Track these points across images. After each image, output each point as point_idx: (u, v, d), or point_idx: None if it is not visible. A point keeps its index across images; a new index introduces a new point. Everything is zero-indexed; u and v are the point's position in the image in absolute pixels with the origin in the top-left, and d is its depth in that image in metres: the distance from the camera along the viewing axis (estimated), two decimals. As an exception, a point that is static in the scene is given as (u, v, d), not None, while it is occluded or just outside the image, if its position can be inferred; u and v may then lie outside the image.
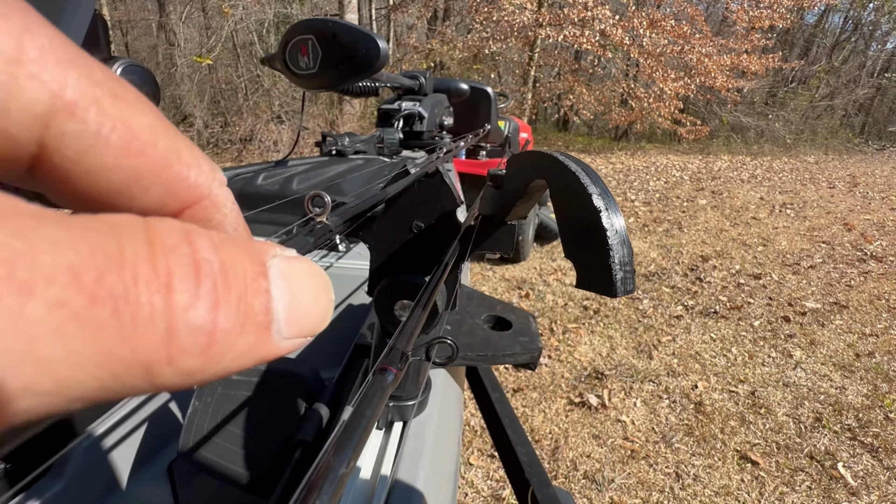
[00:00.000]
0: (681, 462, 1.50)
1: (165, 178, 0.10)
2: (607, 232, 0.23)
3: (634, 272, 0.24)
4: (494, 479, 1.43)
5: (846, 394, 1.88)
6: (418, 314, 0.20)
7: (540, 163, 0.28)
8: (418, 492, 0.34)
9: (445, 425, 0.43)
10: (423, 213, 0.36)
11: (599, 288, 0.24)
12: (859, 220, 4.47)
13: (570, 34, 8.10)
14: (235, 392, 0.44)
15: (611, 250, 0.23)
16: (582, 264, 0.25)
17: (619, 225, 0.24)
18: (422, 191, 0.35)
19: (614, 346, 2.16)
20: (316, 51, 0.86)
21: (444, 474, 0.40)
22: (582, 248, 0.25)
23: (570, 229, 0.25)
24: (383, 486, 0.34)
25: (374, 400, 0.14)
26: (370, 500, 0.33)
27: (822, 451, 1.57)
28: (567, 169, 0.26)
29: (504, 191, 0.33)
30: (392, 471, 0.35)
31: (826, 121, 12.31)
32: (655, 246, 3.58)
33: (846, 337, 2.32)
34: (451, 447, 0.45)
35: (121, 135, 0.09)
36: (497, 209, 0.35)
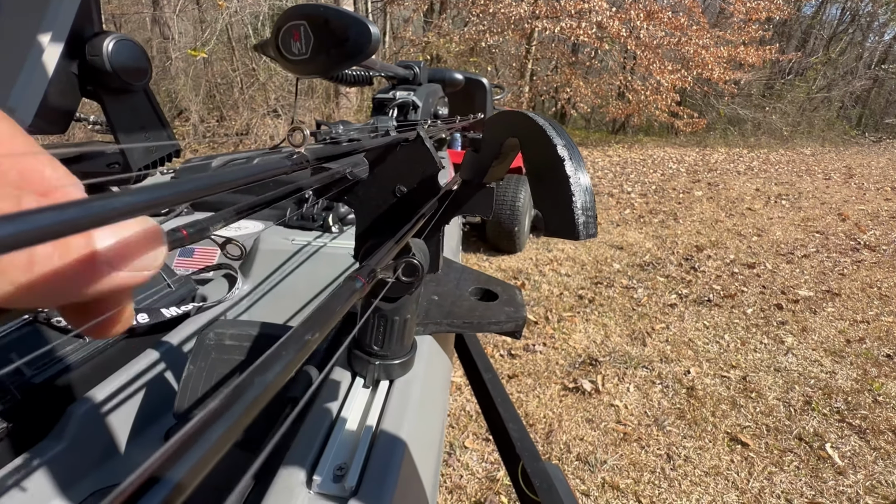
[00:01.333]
0: (672, 444, 1.53)
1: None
2: (570, 178, 0.25)
3: (596, 217, 0.26)
4: (489, 461, 1.46)
5: (836, 378, 1.91)
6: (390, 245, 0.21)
7: (512, 121, 0.30)
8: (401, 440, 0.35)
9: (431, 385, 0.45)
10: (406, 177, 0.37)
11: (564, 232, 0.25)
12: (854, 210, 4.49)
13: (567, 26, 8.07)
14: (229, 356, 0.46)
15: (573, 196, 0.25)
16: (548, 212, 0.26)
17: (582, 174, 0.25)
18: (404, 156, 0.37)
19: (608, 334, 2.19)
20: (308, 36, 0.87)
21: (428, 428, 0.42)
22: (548, 196, 0.26)
23: (537, 180, 0.27)
24: (368, 436, 0.36)
25: (341, 297, 0.16)
26: (355, 447, 0.34)
27: (811, 432, 1.60)
28: (535, 123, 0.27)
29: (482, 153, 0.35)
30: (377, 423, 0.37)
31: (823, 113, 12.32)
32: (651, 236, 3.61)
33: (838, 323, 2.35)
34: (437, 406, 0.46)
35: None
36: (475, 172, 0.36)
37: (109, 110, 0.47)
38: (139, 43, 0.47)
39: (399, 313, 0.40)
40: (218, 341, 0.47)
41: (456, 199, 0.37)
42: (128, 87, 0.46)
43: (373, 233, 0.39)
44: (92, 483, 0.47)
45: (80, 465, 0.48)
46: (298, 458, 0.34)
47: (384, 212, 0.38)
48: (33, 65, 0.40)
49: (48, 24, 0.40)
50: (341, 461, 0.34)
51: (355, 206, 0.39)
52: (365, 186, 0.38)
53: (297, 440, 0.35)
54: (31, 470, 0.44)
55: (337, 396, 0.40)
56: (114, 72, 0.44)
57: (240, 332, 0.47)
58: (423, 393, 0.43)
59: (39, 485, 0.44)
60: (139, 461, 0.55)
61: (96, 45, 0.43)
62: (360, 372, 0.42)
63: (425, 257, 0.38)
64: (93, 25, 0.44)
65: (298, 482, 0.32)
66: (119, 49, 0.44)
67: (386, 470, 0.33)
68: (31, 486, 0.43)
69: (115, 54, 0.43)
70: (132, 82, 0.46)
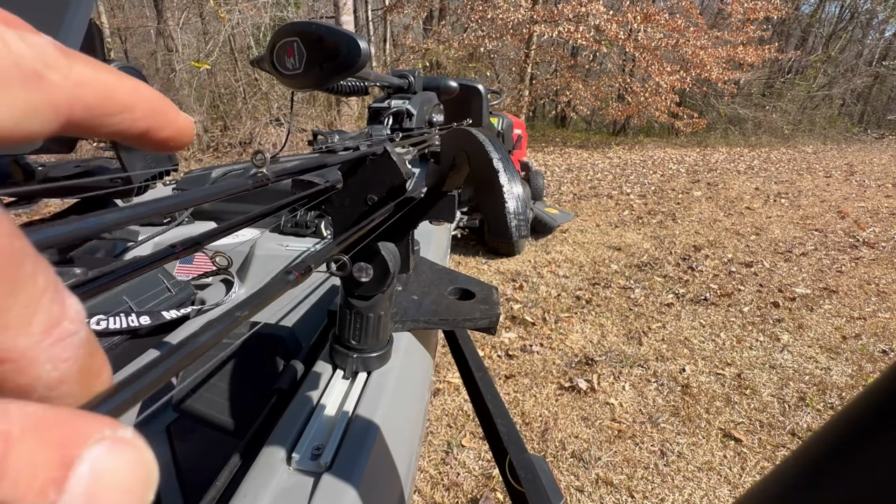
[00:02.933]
0: (666, 440, 1.56)
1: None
2: (504, 188, 0.29)
3: (528, 221, 0.30)
4: (486, 459, 1.49)
5: (831, 374, 1.92)
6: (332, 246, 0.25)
7: (461, 137, 0.34)
8: (375, 424, 0.39)
9: (408, 378, 0.49)
10: (376, 187, 0.42)
11: (500, 234, 0.30)
12: (854, 207, 4.50)
13: (565, 30, 8.14)
14: (221, 353, 0.50)
15: (506, 203, 0.29)
16: (489, 216, 0.30)
17: (514, 183, 0.30)
18: (374, 168, 0.41)
19: (605, 334, 2.22)
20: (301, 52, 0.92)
21: (404, 415, 0.45)
22: (487, 203, 0.30)
23: (479, 189, 0.31)
24: (344, 420, 0.39)
25: (272, 287, 0.19)
26: (331, 430, 0.38)
27: (805, 428, 1.62)
28: (476, 140, 0.31)
29: (441, 164, 0.39)
30: (353, 410, 0.41)
31: (824, 110, 12.30)
32: (649, 237, 3.63)
33: (834, 320, 2.36)
34: (414, 396, 0.50)
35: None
36: (436, 181, 0.40)
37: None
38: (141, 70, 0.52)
39: (373, 310, 0.44)
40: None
41: (421, 206, 0.41)
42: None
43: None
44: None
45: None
46: (280, 440, 0.38)
47: (357, 219, 0.42)
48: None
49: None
50: (319, 442, 0.38)
51: (332, 214, 0.43)
52: (339, 196, 0.42)
53: (279, 424, 0.39)
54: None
55: (318, 386, 0.44)
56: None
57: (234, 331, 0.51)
58: (398, 383, 0.47)
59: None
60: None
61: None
62: (340, 364, 0.46)
63: (395, 259, 0.42)
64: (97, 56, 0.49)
65: (279, 459, 0.36)
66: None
67: (359, 449, 0.37)
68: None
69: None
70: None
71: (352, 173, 0.41)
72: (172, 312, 0.62)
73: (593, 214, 4.28)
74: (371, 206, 0.42)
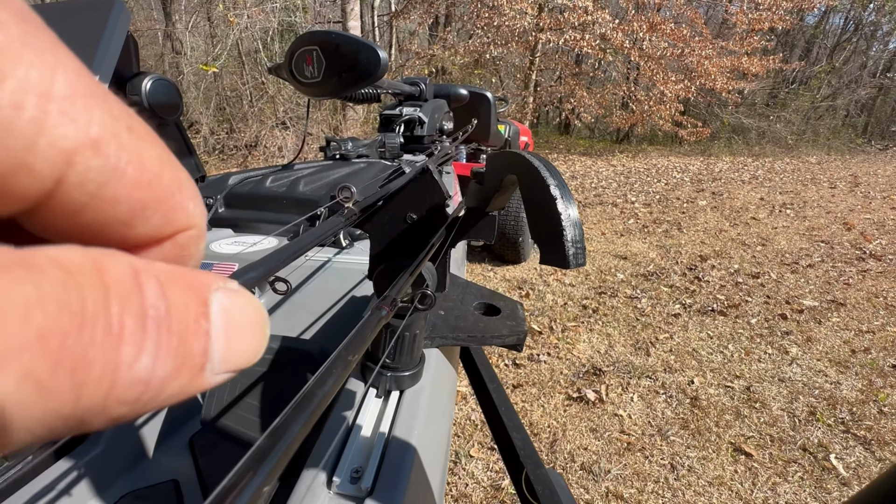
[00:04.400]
0: (676, 454, 1.55)
1: (167, 208, 0.10)
2: (561, 215, 0.29)
3: (585, 249, 0.29)
4: (494, 469, 1.48)
5: (841, 388, 1.91)
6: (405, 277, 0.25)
7: (511, 161, 0.34)
8: (412, 446, 0.39)
9: (438, 396, 0.49)
10: (416, 205, 0.41)
11: (556, 262, 0.29)
12: (859, 219, 4.49)
13: (571, 38, 8.17)
14: (252, 368, 0.50)
15: (564, 230, 0.28)
16: (543, 244, 0.30)
17: (572, 210, 0.29)
18: (415, 186, 0.41)
19: (612, 344, 2.21)
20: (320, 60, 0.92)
21: (436, 435, 0.45)
22: (543, 230, 0.30)
23: (533, 215, 0.31)
24: (381, 442, 0.39)
25: (370, 323, 0.19)
26: (370, 452, 0.38)
27: (816, 443, 1.61)
28: (531, 165, 0.31)
29: (484, 185, 0.39)
30: (389, 430, 0.41)
31: (828, 121, 12.31)
32: (654, 246, 3.62)
33: (843, 334, 2.35)
34: (443, 414, 0.50)
35: (135, 167, 0.10)
36: (479, 201, 0.40)
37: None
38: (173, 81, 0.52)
39: (409, 329, 0.43)
40: (241, 354, 0.51)
41: (462, 226, 0.41)
42: (162, 121, 0.51)
43: (386, 256, 0.42)
44: (124, 485, 0.51)
45: (114, 468, 0.52)
46: (319, 461, 0.37)
47: (396, 237, 0.42)
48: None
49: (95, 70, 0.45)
50: (357, 464, 0.37)
51: (370, 231, 0.43)
52: (379, 214, 0.42)
53: (317, 445, 0.39)
54: (71, 473, 0.48)
55: (352, 405, 0.43)
56: (150, 108, 0.48)
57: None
58: (430, 402, 0.46)
59: (78, 488, 0.47)
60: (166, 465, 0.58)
61: (136, 85, 0.48)
62: (372, 383, 0.45)
63: (433, 278, 0.42)
64: (132, 67, 0.49)
65: (319, 483, 0.35)
66: (156, 88, 0.49)
67: (398, 472, 0.37)
68: (71, 489, 0.47)
69: (152, 92, 0.48)
70: (166, 117, 0.50)
71: (394, 192, 0.41)
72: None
73: (598, 223, 4.27)
74: (410, 224, 0.42)
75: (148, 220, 0.10)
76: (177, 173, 0.11)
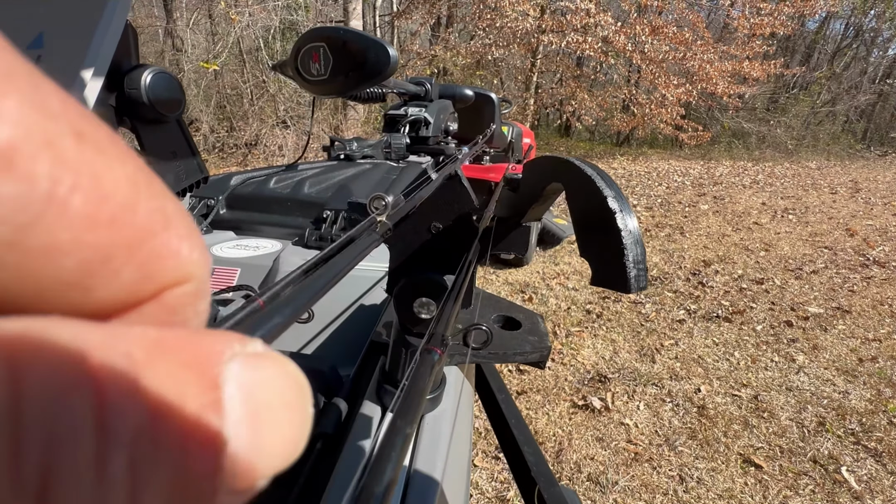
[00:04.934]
0: (684, 465, 1.51)
1: (146, 256, 0.07)
2: (622, 232, 0.25)
3: (647, 270, 0.26)
4: (499, 480, 1.44)
5: (849, 398, 1.88)
6: (451, 306, 0.21)
7: (556, 167, 0.30)
8: (434, 478, 0.35)
9: (460, 419, 0.45)
10: (442, 214, 0.38)
11: (614, 285, 0.26)
12: (862, 225, 4.47)
13: (573, 40, 8.15)
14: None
15: (625, 249, 0.25)
16: (597, 262, 0.26)
17: (633, 226, 0.26)
18: (440, 193, 0.37)
19: (617, 350, 2.17)
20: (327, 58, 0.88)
21: (458, 463, 0.41)
22: (597, 247, 0.26)
23: (585, 229, 0.27)
24: (402, 475, 0.35)
25: (424, 375, 0.16)
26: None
27: (826, 455, 1.58)
28: (583, 173, 0.27)
29: (520, 193, 0.35)
30: (410, 461, 0.37)
31: (828, 127, 12.33)
32: (657, 251, 3.60)
33: (849, 342, 2.32)
34: (465, 441, 0.46)
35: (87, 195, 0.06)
36: (513, 211, 0.36)
37: (143, 140, 0.48)
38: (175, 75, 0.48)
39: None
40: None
41: (493, 237, 0.37)
42: (162, 118, 0.47)
43: (408, 269, 0.39)
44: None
45: None
46: (338, 494, 0.33)
47: (419, 248, 0.38)
48: (75, 98, 0.41)
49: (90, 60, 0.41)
50: (378, 502, 0.33)
51: (389, 242, 0.39)
52: (400, 223, 0.38)
53: (334, 475, 0.35)
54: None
55: (368, 432, 0.39)
56: (150, 103, 0.45)
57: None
58: (452, 427, 0.42)
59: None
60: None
61: (134, 78, 0.44)
62: (391, 408, 0.42)
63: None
64: (130, 59, 0.45)
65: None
66: (156, 82, 0.45)
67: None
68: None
69: (152, 87, 0.44)
70: (167, 113, 0.47)
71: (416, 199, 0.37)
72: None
73: (600, 226, 4.24)
74: (435, 234, 0.38)
75: (114, 278, 0.07)
76: (160, 202, 0.07)
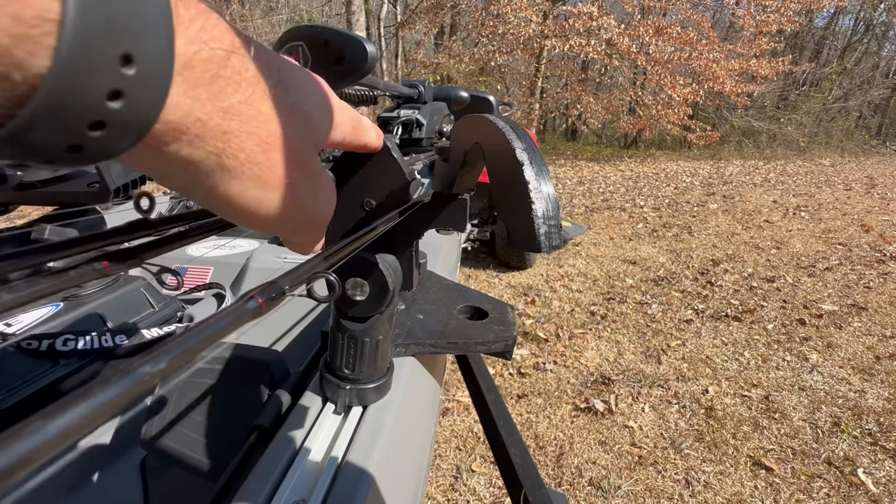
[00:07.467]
0: (691, 468, 1.45)
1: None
2: (529, 184, 0.23)
3: (560, 227, 0.23)
4: (497, 486, 1.40)
5: (866, 398, 1.80)
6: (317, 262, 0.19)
7: (474, 126, 0.28)
8: (368, 472, 0.33)
9: (411, 412, 0.42)
10: (374, 190, 0.35)
11: (526, 244, 0.23)
12: (878, 221, 4.35)
13: (576, 44, 8.14)
14: (199, 380, 0.44)
15: (532, 203, 0.22)
16: (511, 222, 0.24)
17: (543, 180, 0.23)
18: (372, 168, 0.35)
19: (622, 352, 2.12)
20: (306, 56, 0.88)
21: (405, 456, 0.39)
22: (510, 205, 0.24)
23: (499, 189, 0.25)
24: (332, 466, 0.33)
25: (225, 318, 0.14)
26: (316, 480, 0.32)
27: (841, 456, 1.51)
28: (495, 126, 0.25)
29: (450, 161, 0.33)
30: (345, 452, 0.34)
31: (840, 123, 12.11)
32: (665, 251, 3.53)
33: (865, 339, 2.23)
34: (419, 434, 0.44)
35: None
36: (446, 183, 0.34)
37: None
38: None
39: (369, 334, 0.37)
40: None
41: (427, 212, 0.35)
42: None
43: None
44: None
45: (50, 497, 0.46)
46: (254, 490, 0.31)
47: (354, 227, 0.36)
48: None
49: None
50: (301, 495, 0.31)
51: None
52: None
53: (255, 470, 0.33)
54: (-5, 501, 0.42)
55: (304, 424, 0.37)
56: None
57: (213, 355, 0.45)
58: (399, 418, 0.40)
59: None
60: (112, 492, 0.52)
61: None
62: (331, 397, 0.39)
63: (396, 273, 0.36)
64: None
65: (250, 519, 0.29)
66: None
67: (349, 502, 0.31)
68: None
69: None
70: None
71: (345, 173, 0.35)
72: (154, 331, 0.56)
73: (606, 227, 4.19)
74: (368, 211, 0.36)
75: None
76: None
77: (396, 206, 0.36)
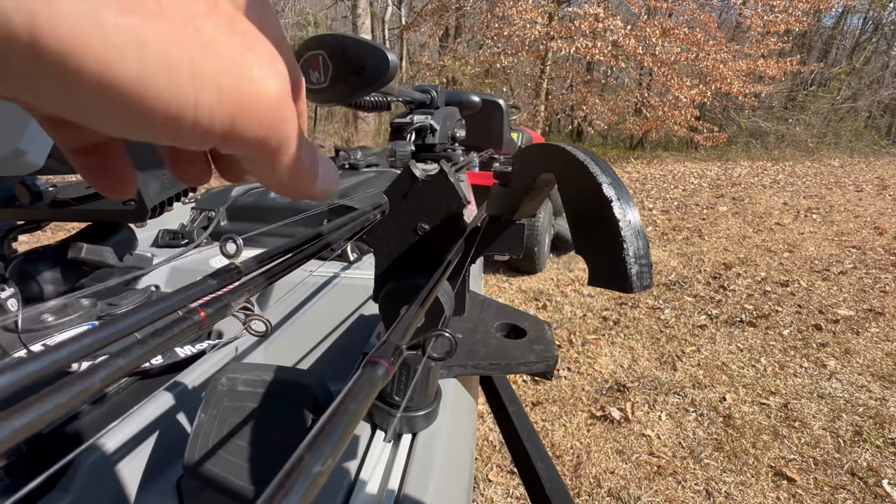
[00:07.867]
0: (711, 479, 1.43)
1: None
2: (619, 222, 0.22)
3: (651, 266, 0.22)
4: (514, 496, 1.39)
5: (887, 405, 1.77)
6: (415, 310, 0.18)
7: (547, 155, 0.27)
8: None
9: (457, 437, 0.41)
10: (428, 214, 0.35)
11: (614, 284, 0.22)
12: (891, 223, 4.30)
13: (582, 46, 8.12)
14: (242, 404, 0.43)
15: (624, 242, 0.21)
16: (594, 259, 0.23)
17: (632, 215, 0.22)
18: (426, 192, 0.34)
19: (636, 358, 2.10)
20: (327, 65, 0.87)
21: (456, 488, 0.38)
22: (593, 242, 0.23)
23: (580, 222, 0.24)
24: (391, 499, 0.32)
25: (359, 394, 0.13)
26: (377, 515, 0.31)
27: (865, 466, 1.48)
28: (575, 158, 0.24)
29: (511, 188, 0.32)
30: (400, 485, 0.33)
31: (850, 123, 12.00)
32: (675, 254, 3.50)
33: (884, 345, 2.20)
34: (464, 460, 0.43)
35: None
36: (505, 208, 0.33)
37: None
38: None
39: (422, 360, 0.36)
40: (230, 387, 0.44)
41: (483, 237, 0.34)
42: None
43: (393, 274, 0.36)
44: (99, 539, 0.44)
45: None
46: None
47: (405, 251, 0.36)
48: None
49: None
50: (361, 532, 0.30)
51: (374, 246, 0.36)
52: (384, 225, 0.35)
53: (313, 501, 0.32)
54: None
55: (356, 453, 0.36)
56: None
57: (253, 378, 0.44)
58: (448, 446, 0.39)
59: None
60: (149, 513, 0.51)
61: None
62: (379, 425, 0.38)
63: (450, 301, 0.35)
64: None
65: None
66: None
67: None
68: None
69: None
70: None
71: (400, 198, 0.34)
72: (186, 349, 0.56)
73: (615, 230, 4.16)
74: (422, 236, 0.35)
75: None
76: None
77: (451, 231, 0.35)
